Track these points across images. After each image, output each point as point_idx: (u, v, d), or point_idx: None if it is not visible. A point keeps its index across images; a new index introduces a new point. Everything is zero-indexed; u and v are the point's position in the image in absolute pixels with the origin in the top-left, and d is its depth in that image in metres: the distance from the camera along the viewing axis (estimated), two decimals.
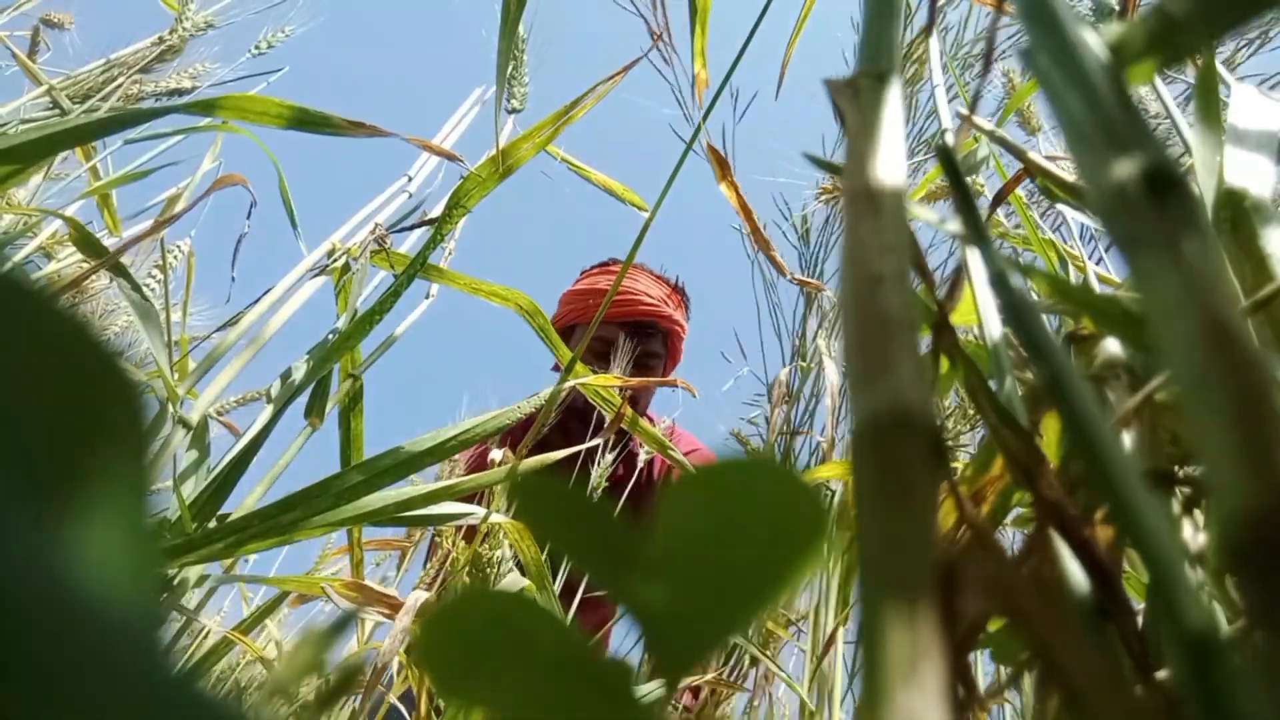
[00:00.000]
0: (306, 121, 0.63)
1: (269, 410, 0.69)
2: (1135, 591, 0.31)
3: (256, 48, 0.96)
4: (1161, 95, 0.43)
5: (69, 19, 1.09)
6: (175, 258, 0.86)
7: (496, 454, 0.91)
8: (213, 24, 0.91)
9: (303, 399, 0.75)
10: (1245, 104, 0.36)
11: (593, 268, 1.49)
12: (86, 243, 0.71)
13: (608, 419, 0.80)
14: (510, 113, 0.73)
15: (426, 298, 0.86)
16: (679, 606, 0.14)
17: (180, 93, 0.89)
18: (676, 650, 0.14)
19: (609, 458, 0.93)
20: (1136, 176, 0.15)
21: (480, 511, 0.71)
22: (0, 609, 0.07)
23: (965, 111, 0.28)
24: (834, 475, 0.76)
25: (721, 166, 0.77)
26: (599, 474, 0.92)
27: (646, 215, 0.71)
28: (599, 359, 1.25)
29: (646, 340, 1.36)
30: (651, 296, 1.37)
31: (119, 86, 0.83)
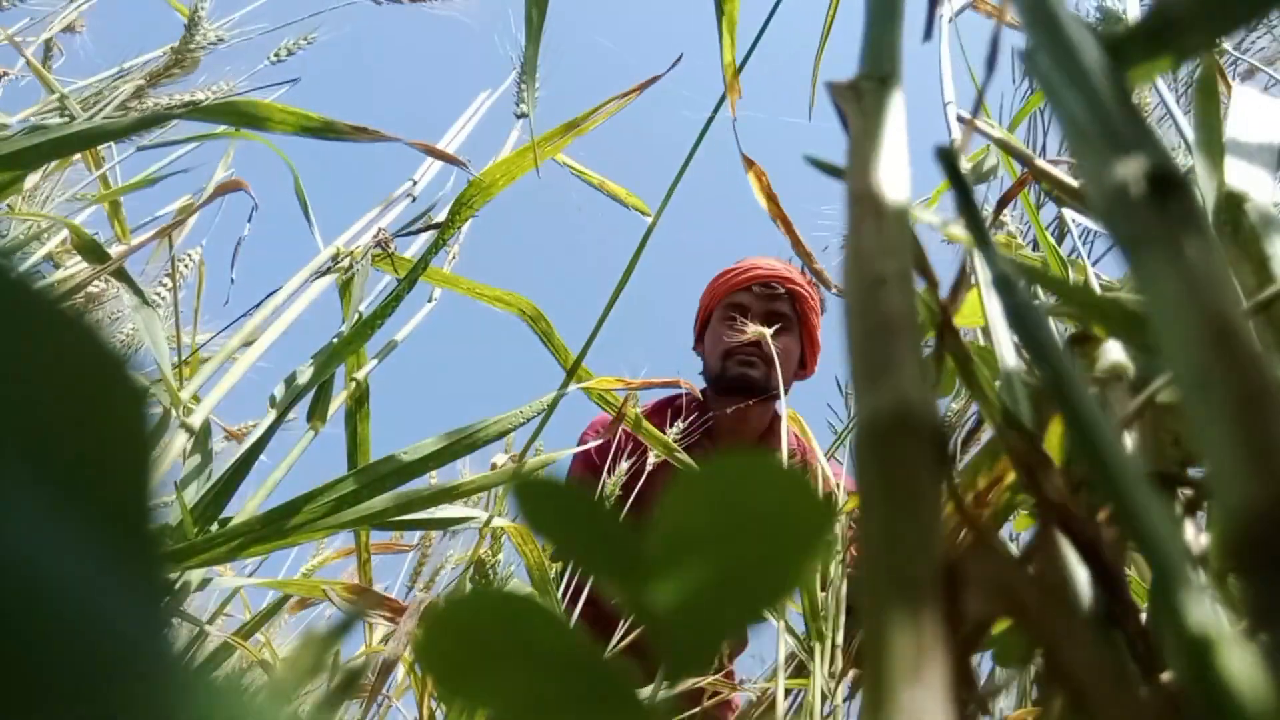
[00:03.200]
0: (313, 127, 0.63)
1: (272, 414, 0.70)
2: (1136, 594, 0.31)
3: (276, 55, 0.96)
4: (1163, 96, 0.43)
5: (81, 22, 1.09)
6: (186, 266, 0.86)
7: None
8: (224, 39, 0.91)
9: (303, 405, 0.75)
10: (1246, 106, 0.36)
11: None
12: (88, 247, 0.71)
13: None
14: (519, 117, 0.73)
15: (429, 301, 0.86)
16: (683, 605, 0.14)
17: (195, 104, 0.89)
18: (681, 649, 0.14)
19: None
20: (1138, 177, 0.15)
21: (481, 515, 0.71)
22: (7, 611, 0.07)
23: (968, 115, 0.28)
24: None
25: (767, 193, 0.74)
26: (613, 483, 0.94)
27: (649, 220, 0.71)
28: (732, 330, 1.31)
29: (771, 301, 1.41)
30: (766, 264, 1.42)
31: (132, 95, 0.83)
